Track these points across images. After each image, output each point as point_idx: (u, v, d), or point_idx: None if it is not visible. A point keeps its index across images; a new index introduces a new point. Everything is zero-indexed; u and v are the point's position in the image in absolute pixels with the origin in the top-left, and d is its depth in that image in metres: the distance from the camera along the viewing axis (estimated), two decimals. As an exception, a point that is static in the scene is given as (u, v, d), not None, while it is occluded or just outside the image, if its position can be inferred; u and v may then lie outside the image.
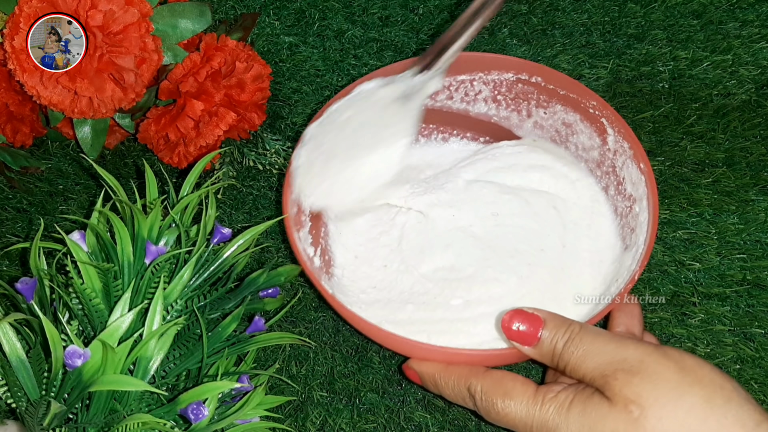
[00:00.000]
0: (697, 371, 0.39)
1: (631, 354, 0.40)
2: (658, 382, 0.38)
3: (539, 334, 0.43)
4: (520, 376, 0.44)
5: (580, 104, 0.55)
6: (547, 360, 0.43)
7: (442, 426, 0.51)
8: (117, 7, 0.54)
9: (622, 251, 0.52)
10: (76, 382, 0.41)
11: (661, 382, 0.38)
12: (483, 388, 0.44)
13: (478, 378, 0.44)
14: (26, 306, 0.46)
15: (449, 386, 0.45)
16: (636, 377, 0.39)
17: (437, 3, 0.70)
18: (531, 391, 0.42)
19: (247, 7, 0.70)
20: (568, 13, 0.69)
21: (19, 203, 0.61)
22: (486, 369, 0.45)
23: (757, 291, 0.55)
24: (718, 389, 0.38)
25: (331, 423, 0.51)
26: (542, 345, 0.43)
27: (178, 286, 0.46)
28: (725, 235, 0.57)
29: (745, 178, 0.59)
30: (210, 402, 0.43)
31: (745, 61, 0.64)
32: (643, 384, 0.38)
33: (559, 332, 0.42)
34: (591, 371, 0.40)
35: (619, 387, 0.39)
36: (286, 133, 0.64)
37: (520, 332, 0.43)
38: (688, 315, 0.54)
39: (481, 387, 0.44)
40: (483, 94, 0.58)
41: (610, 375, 0.39)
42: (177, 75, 0.56)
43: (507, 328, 0.43)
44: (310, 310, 0.56)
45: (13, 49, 0.53)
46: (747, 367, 0.52)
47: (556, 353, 0.42)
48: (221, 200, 0.61)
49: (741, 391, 0.39)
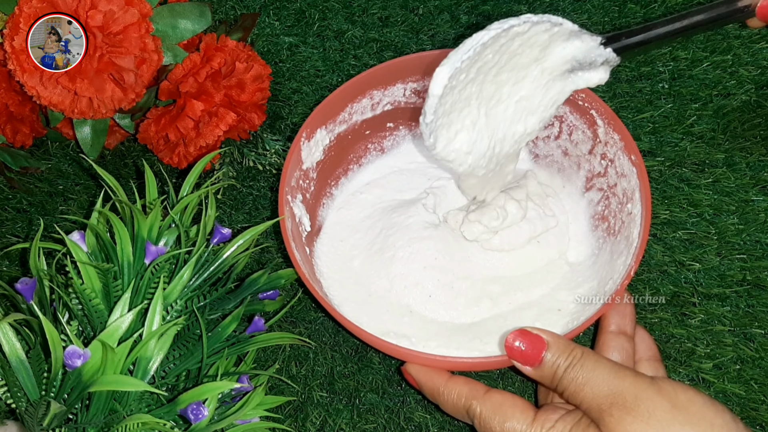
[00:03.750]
0: (689, 408, 0.40)
1: (627, 388, 0.41)
2: (650, 421, 0.39)
3: (542, 356, 0.43)
4: (519, 401, 0.44)
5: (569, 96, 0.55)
6: (546, 382, 0.43)
7: (442, 426, 0.51)
8: (117, 7, 0.54)
9: (612, 247, 0.52)
10: (76, 382, 0.41)
11: (653, 422, 0.39)
12: (482, 412, 0.44)
13: (478, 400, 0.44)
14: (26, 306, 0.46)
15: (449, 402, 0.46)
16: (629, 415, 0.40)
17: (437, 3, 0.70)
18: (529, 420, 0.43)
19: (247, 7, 0.70)
20: (568, 14, 0.69)
21: (19, 203, 0.61)
22: (486, 390, 0.45)
23: (757, 291, 0.55)
24: (708, 427, 0.39)
25: (331, 423, 0.51)
26: (543, 367, 0.43)
27: (178, 287, 0.46)
28: (725, 235, 0.57)
29: (745, 178, 0.59)
30: (210, 402, 0.43)
31: (745, 62, 0.64)
32: (636, 423, 0.39)
33: (561, 357, 0.43)
34: (588, 401, 0.41)
35: (613, 425, 0.40)
36: (286, 133, 0.64)
37: (523, 353, 0.44)
38: (688, 315, 0.54)
39: (480, 410, 0.44)
40: None
41: (606, 411, 0.40)
42: (177, 75, 0.56)
43: (510, 347, 0.44)
44: (309, 311, 0.56)
45: (13, 50, 0.53)
46: (747, 367, 0.52)
47: (556, 377, 0.43)
48: (221, 200, 0.61)
49: (732, 426, 0.40)
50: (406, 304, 0.52)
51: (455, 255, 0.54)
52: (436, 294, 0.52)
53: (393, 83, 0.57)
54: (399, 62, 0.56)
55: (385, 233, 0.55)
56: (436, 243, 0.54)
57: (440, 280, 0.52)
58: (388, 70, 0.56)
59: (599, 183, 0.55)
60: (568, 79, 0.49)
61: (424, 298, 0.52)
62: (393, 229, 0.55)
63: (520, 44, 0.47)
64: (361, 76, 0.55)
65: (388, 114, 0.59)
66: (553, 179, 0.58)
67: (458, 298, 0.52)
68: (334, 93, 0.55)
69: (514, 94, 0.49)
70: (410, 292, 0.52)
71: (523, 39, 0.47)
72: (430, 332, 0.51)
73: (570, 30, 0.48)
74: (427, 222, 0.55)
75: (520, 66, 0.48)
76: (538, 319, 0.51)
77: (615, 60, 0.48)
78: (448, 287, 0.52)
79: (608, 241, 0.53)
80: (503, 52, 0.47)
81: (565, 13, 0.69)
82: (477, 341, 0.50)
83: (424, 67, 0.57)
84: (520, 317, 0.51)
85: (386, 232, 0.55)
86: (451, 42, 0.68)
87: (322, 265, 0.55)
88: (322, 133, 0.55)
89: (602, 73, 0.49)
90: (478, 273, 0.53)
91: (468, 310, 0.52)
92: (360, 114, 0.57)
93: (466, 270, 0.53)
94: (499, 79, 0.48)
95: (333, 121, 0.56)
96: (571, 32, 0.48)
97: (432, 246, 0.53)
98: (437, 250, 0.53)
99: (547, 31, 0.47)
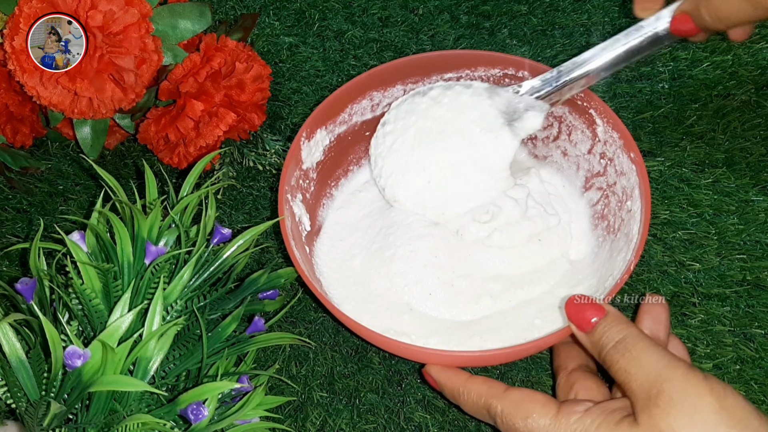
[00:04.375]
0: (737, 412, 0.38)
1: (678, 378, 0.39)
2: (696, 420, 0.38)
3: (594, 320, 0.43)
4: (539, 395, 0.43)
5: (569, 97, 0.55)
6: (595, 352, 0.43)
7: (442, 426, 0.51)
8: (117, 7, 0.54)
9: (612, 245, 0.52)
10: (76, 382, 0.41)
11: (699, 422, 0.38)
12: (503, 410, 0.43)
13: (498, 399, 0.44)
14: (26, 306, 0.46)
15: (469, 402, 0.45)
16: (675, 409, 0.38)
17: (437, 3, 0.70)
18: (553, 412, 0.42)
19: (247, 7, 0.70)
20: (568, 14, 0.69)
21: (19, 203, 0.61)
22: (506, 388, 0.44)
23: (757, 291, 0.55)
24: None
25: (331, 423, 0.51)
26: (594, 333, 0.43)
27: (178, 287, 0.46)
28: (725, 235, 0.57)
29: (745, 178, 0.59)
30: (210, 402, 0.43)
31: (745, 62, 0.64)
32: (680, 419, 0.38)
33: (614, 328, 0.42)
34: (638, 382, 0.40)
35: (657, 417, 0.38)
36: (286, 133, 0.64)
37: (579, 312, 0.43)
38: (688, 315, 0.54)
39: (501, 409, 0.43)
40: None
41: (653, 400, 0.39)
42: (177, 75, 0.56)
43: (570, 304, 0.44)
44: (309, 311, 0.56)
45: (13, 50, 0.53)
46: (747, 367, 0.52)
47: (604, 347, 0.42)
48: (221, 200, 0.61)
49: None
50: (406, 302, 0.52)
51: (455, 253, 0.54)
52: (436, 292, 0.52)
53: (393, 84, 0.57)
54: (399, 63, 0.56)
55: (385, 232, 0.55)
56: (436, 241, 0.54)
57: (440, 278, 0.52)
58: (388, 71, 0.56)
59: (598, 182, 0.55)
60: (508, 131, 0.53)
61: (425, 296, 0.52)
62: (393, 227, 0.55)
63: (447, 109, 0.53)
64: (361, 77, 0.55)
65: (388, 115, 0.59)
66: (552, 179, 0.58)
67: (458, 296, 0.52)
68: (334, 93, 0.55)
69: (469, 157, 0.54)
70: (410, 291, 0.52)
71: (445, 103, 0.53)
72: (429, 330, 0.51)
73: (484, 88, 0.54)
74: (428, 220, 0.55)
75: (461, 130, 0.53)
76: (538, 316, 0.51)
77: (541, 105, 0.53)
78: (449, 285, 0.52)
79: (608, 239, 0.53)
80: (434, 118, 0.54)
81: (565, 13, 0.69)
82: (477, 338, 0.50)
83: (424, 68, 0.57)
84: (520, 314, 0.51)
85: (386, 230, 0.55)
86: (451, 42, 0.68)
87: (321, 264, 0.55)
88: (323, 133, 0.55)
89: (533, 120, 0.53)
90: (479, 271, 0.53)
91: (468, 307, 0.52)
92: (360, 115, 0.57)
93: (466, 268, 0.53)
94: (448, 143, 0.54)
95: (333, 121, 0.56)
96: (485, 89, 0.54)
97: (432, 244, 0.54)
98: (437, 248, 0.53)
99: (463, 93, 0.54)
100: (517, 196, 0.55)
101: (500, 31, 0.68)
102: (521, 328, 0.51)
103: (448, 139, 0.54)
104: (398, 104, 0.56)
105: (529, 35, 0.68)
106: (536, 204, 0.55)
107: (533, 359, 0.53)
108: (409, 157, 0.54)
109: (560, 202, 0.56)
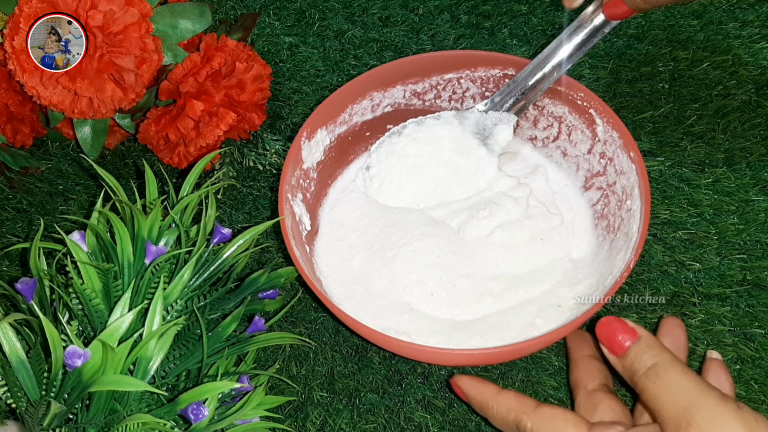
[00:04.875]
0: None
1: (708, 408, 0.39)
2: None
3: (628, 344, 0.42)
4: (571, 415, 0.43)
5: (568, 96, 0.55)
6: (627, 376, 0.42)
7: (442, 426, 0.51)
8: (117, 7, 0.54)
9: (612, 244, 0.52)
10: (76, 382, 0.41)
11: None
12: (533, 427, 0.43)
13: (529, 415, 0.43)
14: (26, 306, 0.46)
15: (498, 417, 0.45)
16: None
17: (437, 3, 0.70)
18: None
19: (247, 7, 0.70)
20: (568, 13, 0.69)
21: (19, 203, 0.61)
22: (537, 404, 0.44)
23: (757, 291, 0.55)
24: None
25: (331, 423, 0.51)
26: (627, 358, 0.42)
27: (178, 287, 0.46)
28: (725, 235, 0.57)
29: (745, 178, 0.59)
30: (210, 402, 0.43)
31: (745, 62, 0.64)
32: None
33: (648, 353, 0.42)
34: (668, 409, 0.39)
35: None
36: (286, 133, 0.64)
37: (612, 337, 0.43)
38: (688, 315, 0.54)
39: (531, 425, 0.43)
40: (471, 92, 0.58)
41: (683, 430, 0.38)
42: (177, 75, 0.56)
43: (602, 325, 0.43)
44: (310, 311, 0.56)
45: (13, 50, 0.53)
46: (747, 367, 0.52)
47: (636, 372, 0.42)
48: (221, 200, 0.61)
49: None
50: (407, 302, 0.52)
51: (458, 252, 0.54)
52: (437, 292, 0.52)
53: (393, 85, 0.57)
54: (399, 63, 0.56)
55: (387, 231, 0.55)
56: (437, 240, 0.54)
57: (442, 278, 0.52)
58: (388, 71, 0.56)
59: (598, 182, 0.55)
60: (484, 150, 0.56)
61: (426, 296, 0.52)
62: (395, 227, 0.55)
63: (425, 143, 0.56)
64: (361, 77, 0.55)
65: (387, 116, 0.59)
66: (554, 178, 0.58)
67: (460, 296, 0.52)
68: (334, 93, 0.55)
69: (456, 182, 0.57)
70: (411, 291, 0.52)
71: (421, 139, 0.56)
72: (430, 329, 0.51)
73: (452, 115, 0.57)
74: (429, 219, 0.55)
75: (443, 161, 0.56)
76: (539, 315, 0.51)
77: (508, 116, 0.56)
78: (450, 285, 0.52)
79: (607, 238, 0.53)
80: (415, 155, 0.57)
81: (565, 12, 0.69)
82: (477, 337, 0.50)
83: (424, 68, 0.57)
84: (521, 313, 0.51)
85: (388, 230, 0.55)
86: (451, 42, 0.68)
87: (322, 264, 0.55)
88: (323, 133, 0.55)
89: (503, 133, 0.56)
90: (481, 270, 0.53)
91: (469, 307, 0.52)
92: (360, 115, 0.57)
93: (468, 267, 0.53)
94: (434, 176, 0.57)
95: (333, 122, 0.56)
96: (454, 116, 0.57)
97: (434, 243, 0.54)
98: (439, 247, 0.53)
99: (435, 126, 0.56)
100: (517, 194, 0.55)
101: (500, 31, 0.68)
102: (521, 327, 0.51)
103: (433, 171, 0.56)
104: (377, 147, 0.58)
105: (529, 35, 0.68)
106: (538, 203, 0.55)
107: (533, 359, 0.53)
108: (398, 194, 0.57)
109: (564, 201, 0.56)
